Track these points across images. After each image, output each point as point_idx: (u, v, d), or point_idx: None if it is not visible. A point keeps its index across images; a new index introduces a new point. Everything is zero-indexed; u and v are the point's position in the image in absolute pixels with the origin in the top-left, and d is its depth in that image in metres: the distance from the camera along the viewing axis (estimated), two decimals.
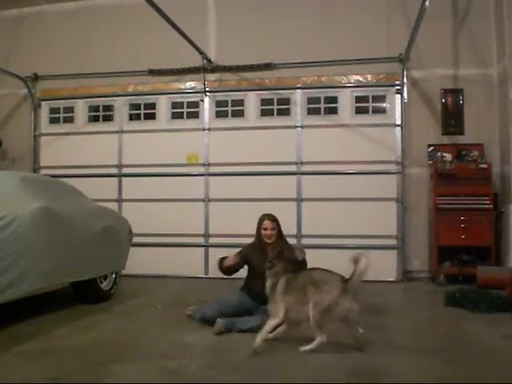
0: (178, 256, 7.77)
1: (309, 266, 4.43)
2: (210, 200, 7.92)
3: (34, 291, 4.52)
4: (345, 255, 7.60)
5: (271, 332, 3.86)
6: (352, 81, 7.67)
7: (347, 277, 3.76)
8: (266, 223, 4.66)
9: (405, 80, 7.45)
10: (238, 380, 3.20)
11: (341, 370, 3.37)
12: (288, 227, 7.44)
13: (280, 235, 4.71)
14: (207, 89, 7.95)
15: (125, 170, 8.20)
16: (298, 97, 7.78)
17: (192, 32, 6.99)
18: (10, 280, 4.11)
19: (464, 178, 6.89)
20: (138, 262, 7.12)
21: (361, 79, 7.65)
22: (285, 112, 7.85)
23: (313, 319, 3.69)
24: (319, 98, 7.77)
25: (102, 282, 5.68)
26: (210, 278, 7.62)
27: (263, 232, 4.64)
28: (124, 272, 6.29)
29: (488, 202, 6.80)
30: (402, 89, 7.46)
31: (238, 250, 4.78)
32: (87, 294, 5.54)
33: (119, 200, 8.14)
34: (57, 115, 8.57)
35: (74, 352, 3.77)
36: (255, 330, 3.94)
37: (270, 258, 4.19)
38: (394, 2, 7.48)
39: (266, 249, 4.47)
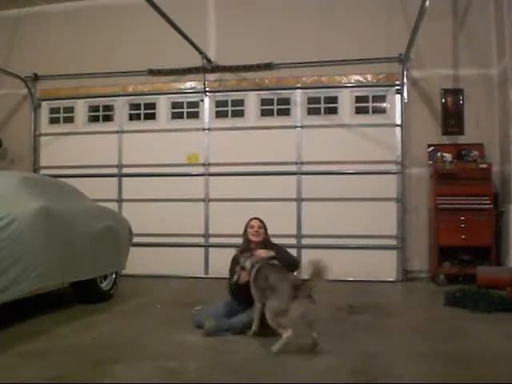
0: (178, 256, 7.77)
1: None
2: (210, 200, 7.92)
3: (33, 291, 4.52)
4: (345, 255, 7.68)
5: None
6: (352, 81, 7.67)
7: (303, 278, 3.83)
8: (253, 221, 4.63)
9: (405, 80, 7.45)
10: (237, 380, 3.20)
11: (341, 370, 3.37)
12: (288, 227, 7.55)
13: (268, 240, 4.61)
14: (207, 89, 7.94)
15: (125, 170, 8.20)
16: (298, 97, 7.78)
17: (192, 32, 6.99)
18: (10, 280, 4.10)
19: (464, 178, 6.89)
20: (138, 262, 7.12)
21: (361, 79, 7.65)
22: (285, 112, 7.85)
23: (271, 323, 3.79)
24: (319, 98, 7.77)
25: (102, 282, 5.68)
26: (210, 277, 7.62)
27: (249, 230, 4.59)
28: (124, 272, 6.29)
29: (488, 201, 6.80)
30: (402, 89, 7.46)
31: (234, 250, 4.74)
32: (87, 294, 5.54)
33: (119, 200, 8.14)
34: (57, 115, 8.57)
35: (73, 352, 3.77)
36: (242, 329, 4.14)
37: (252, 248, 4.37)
38: (394, 2, 7.48)
39: (252, 250, 4.44)
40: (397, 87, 7.51)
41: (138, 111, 8.31)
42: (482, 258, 6.72)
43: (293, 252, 7.38)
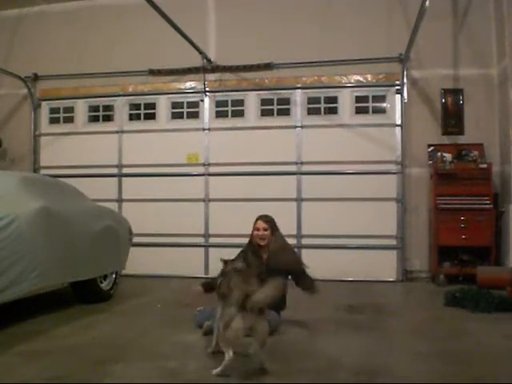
0: (178, 256, 7.77)
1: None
2: (210, 200, 7.92)
3: (33, 291, 4.52)
4: (345, 255, 7.69)
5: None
6: (352, 81, 7.67)
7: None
8: (259, 223, 4.49)
9: (405, 80, 7.45)
10: (237, 380, 3.19)
11: (340, 370, 3.37)
12: (288, 227, 7.47)
13: (276, 237, 4.49)
14: (207, 89, 7.94)
15: (125, 170, 8.19)
16: (298, 97, 7.78)
17: (192, 32, 6.99)
18: (10, 280, 4.11)
19: (464, 178, 6.89)
20: (138, 262, 7.12)
21: (361, 79, 7.65)
22: (285, 112, 7.85)
23: (217, 337, 3.43)
24: (319, 98, 7.77)
25: (101, 282, 5.68)
26: (209, 278, 7.61)
27: (255, 233, 4.48)
28: (124, 272, 6.29)
29: (488, 201, 6.80)
30: (402, 89, 7.46)
31: (234, 250, 4.69)
32: (87, 294, 5.54)
33: (119, 200, 8.14)
34: (57, 115, 8.56)
35: (73, 352, 3.77)
36: None
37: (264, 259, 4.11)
38: (394, 2, 7.48)
39: (259, 251, 4.40)
40: (397, 87, 7.50)
41: (138, 111, 8.30)
42: (482, 258, 6.71)
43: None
